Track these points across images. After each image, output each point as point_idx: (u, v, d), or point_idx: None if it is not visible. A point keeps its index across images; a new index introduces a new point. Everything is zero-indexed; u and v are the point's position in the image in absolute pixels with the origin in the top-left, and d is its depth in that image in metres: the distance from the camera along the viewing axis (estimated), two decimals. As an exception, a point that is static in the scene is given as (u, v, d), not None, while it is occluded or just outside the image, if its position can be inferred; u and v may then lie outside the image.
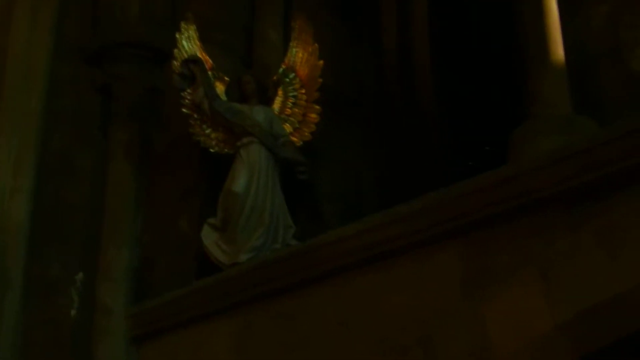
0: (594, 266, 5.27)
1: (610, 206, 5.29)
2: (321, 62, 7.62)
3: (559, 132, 5.89)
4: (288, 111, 7.58)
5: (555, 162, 5.49)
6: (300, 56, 7.69)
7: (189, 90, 7.72)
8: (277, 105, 7.62)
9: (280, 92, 7.64)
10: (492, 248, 5.67)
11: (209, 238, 7.26)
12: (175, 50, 7.79)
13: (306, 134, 7.51)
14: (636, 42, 6.67)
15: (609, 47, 6.75)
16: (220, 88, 7.76)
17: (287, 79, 7.67)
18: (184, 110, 7.70)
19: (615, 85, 6.64)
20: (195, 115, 7.68)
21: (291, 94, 7.61)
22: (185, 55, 7.77)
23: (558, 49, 6.30)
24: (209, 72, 7.74)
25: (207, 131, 7.65)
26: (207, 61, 7.79)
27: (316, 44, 7.70)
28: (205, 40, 7.88)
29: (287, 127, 7.50)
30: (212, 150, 7.63)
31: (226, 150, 7.55)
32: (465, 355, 5.62)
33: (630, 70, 6.59)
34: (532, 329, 5.42)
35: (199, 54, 7.79)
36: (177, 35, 7.81)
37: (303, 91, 7.59)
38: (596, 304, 5.23)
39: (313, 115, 7.51)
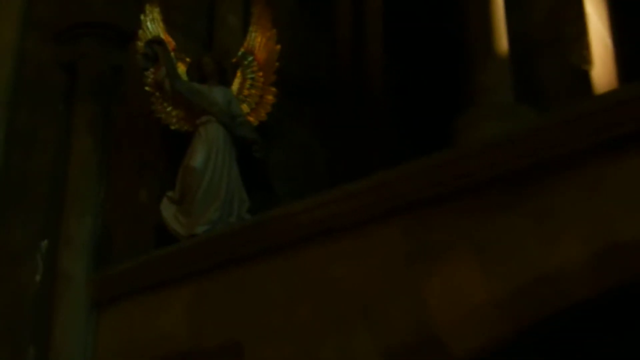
0: (526, 245, 5.34)
1: (543, 189, 5.36)
2: (278, 46, 7.67)
3: (500, 119, 6.00)
4: (246, 92, 7.62)
5: (494, 147, 5.55)
6: (259, 40, 7.73)
7: (151, 70, 7.71)
8: (235, 86, 7.65)
9: (238, 74, 7.67)
10: (433, 225, 5.73)
11: (168, 210, 7.29)
12: (140, 32, 7.80)
13: (262, 114, 7.55)
14: (575, 36, 6.72)
15: (550, 40, 6.81)
16: (181, 68, 7.78)
17: (246, 62, 7.71)
18: (146, 88, 7.72)
19: (554, 77, 6.71)
20: (157, 94, 7.70)
21: (249, 76, 7.65)
22: (149, 37, 7.77)
23: (502, 41, 6.38)
24: (171, 53, 7.74)
25: (168, 109, 7.68)
26: (170, 43, 7.80)
27: (274, 30, 7.75)
28: (168, 22, 7.90)
29: (245, 108, 7.54)
30: (172, 127, 7.66)
31: (186, 127, 7.57)
32: (404, 324, 5.67)
33: (569, 62, 6.64)
34: (468, 301, 5.49)
35: (162, 36, 7.80)
36: (142, 17, 7.82)
37: (260, 74, 7.63)
38: (528, 280, 5.31)
39: (269, 97, 7.56)
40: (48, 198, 7.45)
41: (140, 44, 7.76)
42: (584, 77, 6.60)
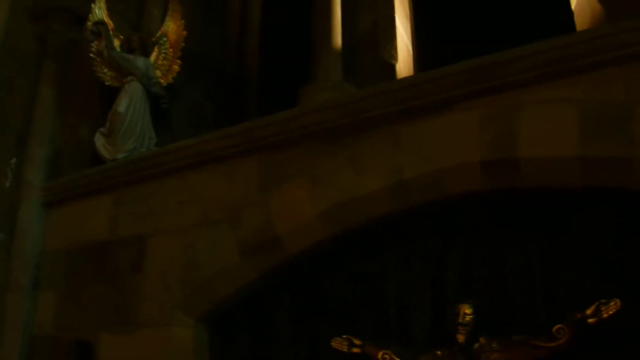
0: (344, 178, 5.30)
1: (358, 141, 5.32)
2: (185, 32, 7.53)
3: (331, 91, 5.90)
4: (159, 62, 7.43)
5: (326, 109, 5.48)
6: (172, 27, 7.57)
7: (96, 42, 7.48)
8: (153, 57, 7.45)
9: (156, 50, 7.49)
10: (281, 161, 5.62)
11: (99, 141, 7.08)
12: (90, 15, 7.54)
13: (169, 78, 7.40)
14: (387, 40, 6.70)
15: (370, 42, 6.77)
16: (116, 43, 7.55)
17: (161, 41, 7.53)
18: (91, 55, 7.47)
19: (371, 66, 6.66)
20: (98, 59, 7.46)
21: (162, 51, 7.47)
22: (96, 19, 7.53)
23: (337, 38, 6.31)
24: (110, 32, 7.52)
25: (105, 70, 7.44)
26: (110, 24, 7.57)
27: (183, 20, 7.58)
28: (110, 10, 7.64)
29: (158, 73, 7.36)
30: (107, 83, 7.43)
31: (116, 84, 7.33)
32: (256, 228, 5.58)
33: (382, 58, 6.62)
34: (301, 214, 5.42)
35: (105, 19, 7.56)
36: (92, 5, 7.56)
37: (171, 50, 7.47)
38: (342, 201, 5.28)
39: (175, 67, 7.41)
40: (19, 129, 7.13)
41: (89, 24, 7.49)
42: (391, 68, 6.61)
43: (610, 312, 4.37)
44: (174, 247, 5.93)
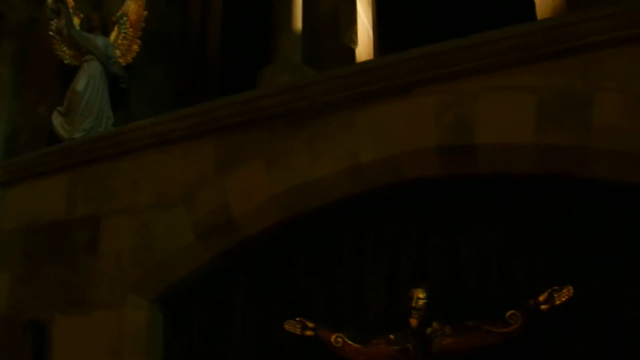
0: (300, 160, 5.20)
1: (314, 124, 5.21)
2: (146, 12, 7.27)
3: (290, 74, 5.77)
4: (119, 42, 7.19)
5: (284, 91, 5.37)
6: (133, 6, 7.30)
7: (55, 21, 7.23)
8: (112, 37, 7.20)
9: (116, 29, 7.23)
10: (237, 143, 5.48)
11: (57, 120, 6.85)
12: (51, -7, 7.27)
13: (129, 58, 7.15)
14: (347, 25, 6.56)
15: (330, 26, 6.62)
16: (76, 21, 7.30)
17: (122, 21, 7.27)
18: (50, 33, 7.20)
19: (332, 52, 6.52)
20: (58, 37, 7.20)
21: (123, 31, 7.22)
22: (56, -2, 7.27)
23: (298, 21, 6.20)
24: (70, 10, 7.26)
25: (64, 49, 7.19)
26: (70, 2, 7.30)
27: (144, 0, 7.31)
28: (71, -11, 7.39)
29: (117, 52, 7.10)
30: (66, 61, 7.16)
31: (75, 62, 7.08)
32: (211, 211, 5.47)
33: (342, 42, 6.50)
34: (257, 197, 5.31)
35: (65, -2, 7.31)
36: (53, -18, 7.29)
37: (131, 30, 7.22)
38: (298, 184, 5.18)
39: (135, 47, 7.16)
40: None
41: (49, 1, 7.25)
42: (351, 53, 6.45)
43: (563, 299, 4.30)
44: (129, 227, 5.79)
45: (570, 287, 4.30)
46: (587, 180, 4.47)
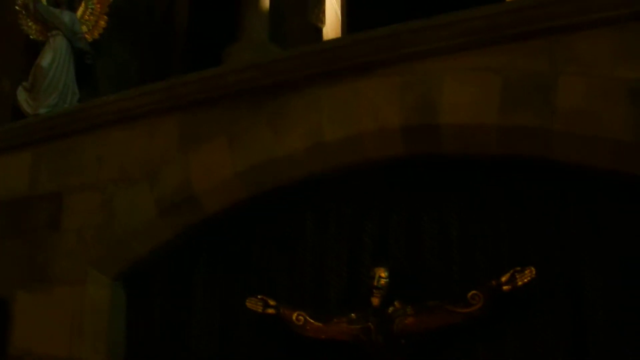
0: (263, 137, 5.08)
1: (278, 101, 5.09)
2: (113, -12, 7.11)
3: (255, 51, 5.65)
4: (86, 17, 6.99)
5: (248, 68, 5.23)
6: (100, -17, 7.13)
7: (22, -5, 7.02)
8: (79, 12, 7.01)
9: (82, 4, 7.04)
10: (201, 120, 5.35)
11: (22, 96, 6.66)
12: (17, -34, 7.06)
13: (95, 34, 6.95)
14: (315, 4, 6.49)
15: (299, 5, 6.52)
16: (43, -4, 7.09)
17: (89, -4, 7.09)
18: (16, 7, 6.99)
19: (299, 30, 6.42)
20: (24, 12, 6.99)
21: (90, 7, 7.02)
22: (23, -30, 7.05)
23: (265, 1, 6.05)
24: (37, -15, 7.04)
25: (30, 24, 6.98)
26: (36, -23, 7.08)
27: (112, -24, 7.15)
28: (38, -38, 7.16)
29: (84, 28, 6.92)
30: (32, 37, 6.96)
31: (41, 38, 6.88)
32: (174, 188, 5.34)
33: (309, 21, 6.45)
34: (219, 174, 5.19)
35: (32, -29, 7.08)
36: (19, -45, 7.08)
37: (98, 6, 7.01)
38: (261, 161, 5.07)
39: (102, 23, 6.97)
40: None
41: (16, -24, 7.00)
42: (318, 32, 6.38)
43: (525, 280, 4.23)
44: (92, 204, 5.64)
45: (533, 268, 4.22)
46: (550, 163, 4.41)
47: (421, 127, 4.60)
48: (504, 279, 4.26)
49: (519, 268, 4.24)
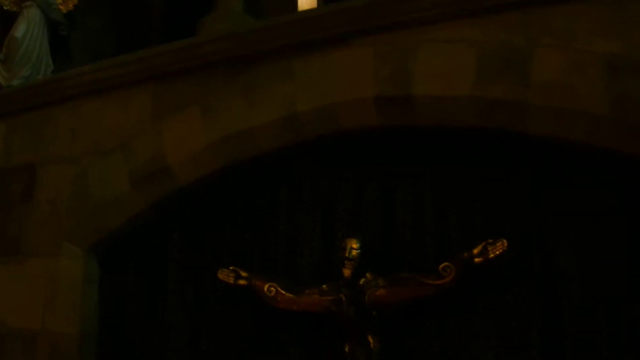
0: (236, 109, 4.96)
1: (252, 72, 4.97)
2: (87, -37, 6.94)
3: (230, 21, 5.55)
4: (62, -12, 6.85)
5: (222, 39, 5.10)
6: (75, -48, 6.95)
7: (-3, -32, 6.85)
8: (53, -17, 6.86)
9: (58, -25, 6.88)
10: (174, 91, 5.22)
11: (-5, 67, 6.51)
12: (-10, -64, 6.88)
13: (70, 5, 6.81)
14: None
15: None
16: (17, -34, 6.92)
17: (64, -33, 6.91)
18: (-10, -22, 6.82)
19: (273, 1, 6.30)
20: (-2, -17, 6.84)
21: (64, -23, 6.88)
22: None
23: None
24: (11, -43, 6.89)
25: (4, -6, 6.84)
26: (11, -54, 6.93)
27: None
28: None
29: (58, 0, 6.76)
30: (5, 7, 6.85)
31: (15, 8, 6.75)
32: (147, 159, 5.23)
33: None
34: (192, 145, 5.08)
35: (6, -55, 6.92)
36: None
37: (74, -23, 6.87)
38: (234, 132, 4.96)
39: (77, -6, 6.83)
40: None
41: (-10, -51, 6.83)
42: (294, 2, 6.25)
43: (497, 252, 4.15)
44: (65, 176, 5.53)
45: (505, 241, 4.14)
46: (525, 136, 4.32)
47: (395, 99, 4.50)
48: (475, 251, 4.18)
49: (491, 240, 4.16)
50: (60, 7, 6.72)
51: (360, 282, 4.40)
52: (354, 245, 4.43)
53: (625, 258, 4.06)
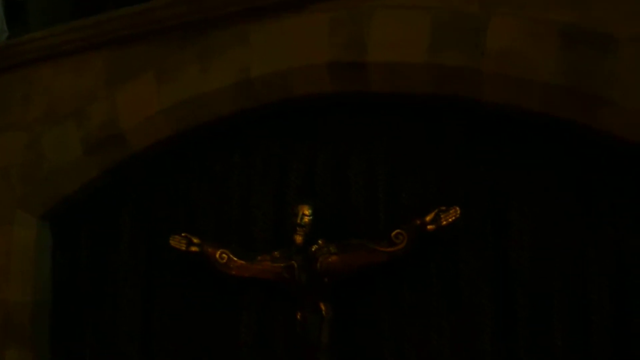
0: (191, 74, 4.81)
1: (207, 37, 4.80)
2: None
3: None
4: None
5: (174, 4, 4.88)
6: None
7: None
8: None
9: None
10: (128, 57, 5.06)
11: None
12: None
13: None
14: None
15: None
16: None
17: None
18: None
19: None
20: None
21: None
22: None
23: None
24: None
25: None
26: None
27: None
28: None
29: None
30: (-44, -27, 6.54)
31: (-33, -26, 6.47)
32: (100, 125, 5.10)
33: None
34: (146, 110, 4.93)
35: None
36: None
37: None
38: (188, 98, 4.81)
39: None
40: None
41: None
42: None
43: (450, 220, 4.07)
44: (18, 143, 5.38)
45: (457, 208, 4.06)
46: (480, 104, 4.22)
47: (349, 65, 4.38)
48: (428, 218, 4.09)
49: (443, 207, 4.08)
50: (24, -12, 6.50)
51: (312, 249, 4.30)
52: (306, 212, 4.32)
53: (578, 227, 3.99)
